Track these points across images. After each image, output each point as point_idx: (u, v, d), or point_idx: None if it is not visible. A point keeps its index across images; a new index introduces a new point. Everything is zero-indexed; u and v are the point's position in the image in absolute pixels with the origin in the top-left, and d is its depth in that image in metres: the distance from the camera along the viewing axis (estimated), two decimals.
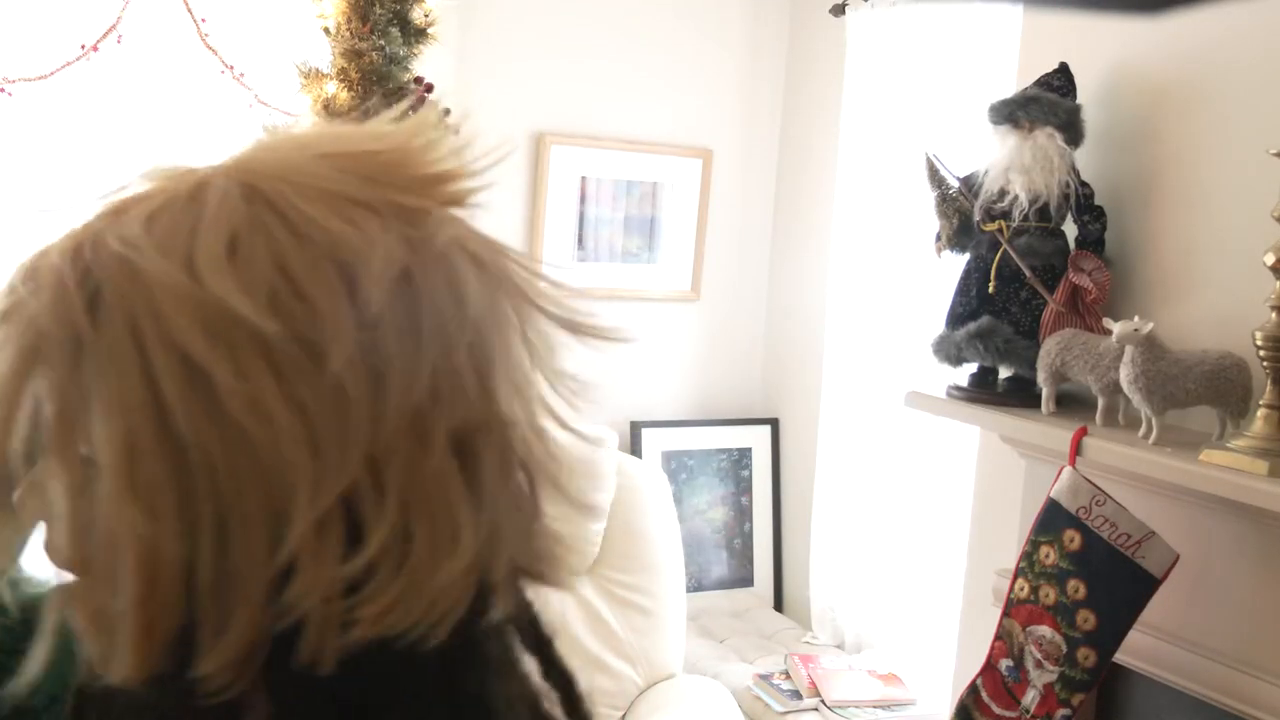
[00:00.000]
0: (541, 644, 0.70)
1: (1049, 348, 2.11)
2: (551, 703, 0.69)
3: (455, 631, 0.60)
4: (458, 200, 0.63)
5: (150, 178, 0.62)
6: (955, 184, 2.35)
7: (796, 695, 2.93)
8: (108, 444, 0.57)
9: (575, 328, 0.65)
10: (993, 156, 2.23)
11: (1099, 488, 1.97)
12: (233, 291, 0.56)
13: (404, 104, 0.68)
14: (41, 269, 0.59)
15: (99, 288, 0.57)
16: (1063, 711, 1.99)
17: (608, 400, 3.44)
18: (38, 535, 0.64)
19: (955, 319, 2.31)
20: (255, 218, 0.58)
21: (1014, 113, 2.19)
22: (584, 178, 3.39)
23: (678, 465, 3.51)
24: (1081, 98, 2.22)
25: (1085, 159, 2.22)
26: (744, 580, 3.59)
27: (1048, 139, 2.15)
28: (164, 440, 0.56)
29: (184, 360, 0.55)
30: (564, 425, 0.66)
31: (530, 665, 0.69)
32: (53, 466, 0.58)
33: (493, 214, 0.65)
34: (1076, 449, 1.99)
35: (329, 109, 1.98)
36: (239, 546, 0.56)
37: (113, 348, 0.57)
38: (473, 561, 0.60)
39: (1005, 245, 2.22)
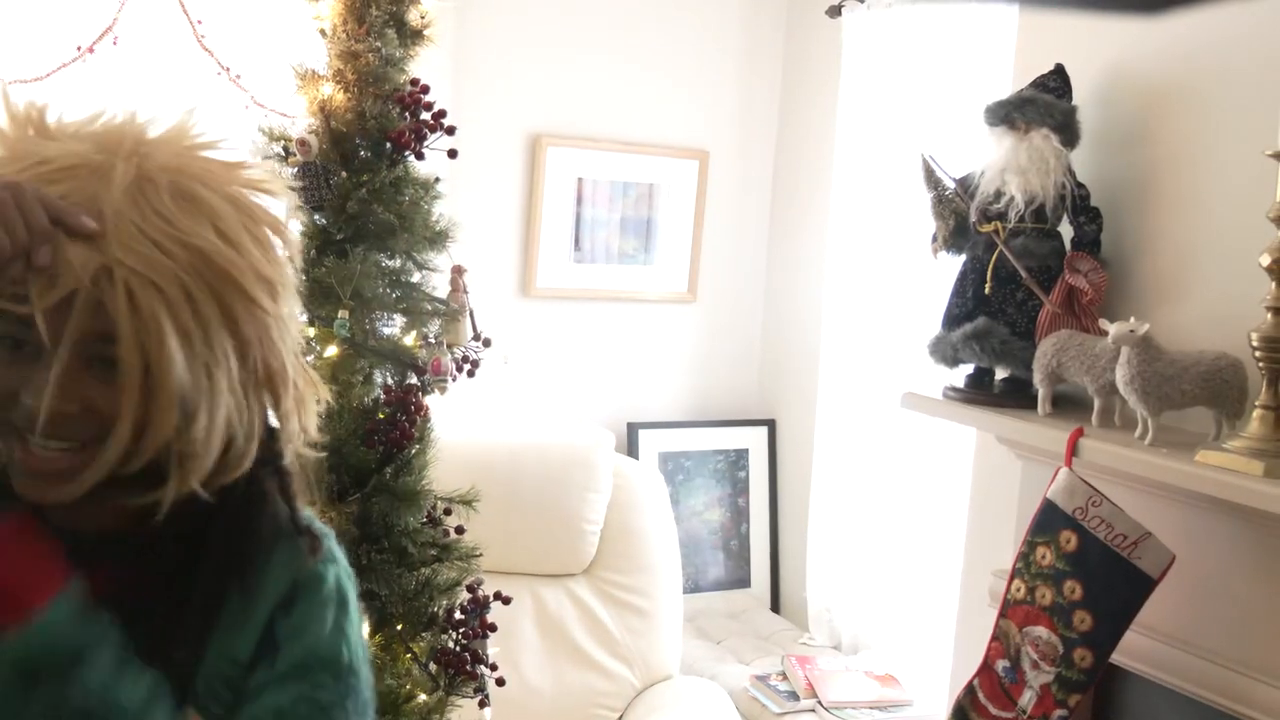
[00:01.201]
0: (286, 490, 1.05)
1: (1045, 349, 2.11)
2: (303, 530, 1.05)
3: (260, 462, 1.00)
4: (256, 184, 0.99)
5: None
6: (951, 185, 2.35)
7: (793, 696, 2.93)
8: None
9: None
10: (989, 158, 2.23)
11: (1095, 489, 1.97)
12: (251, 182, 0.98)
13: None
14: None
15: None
16: (1059, 712, 1.99)
17: (605, 401, 3.45)
18: None
19: (951, 320, 2.31)
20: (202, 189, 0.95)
21: (1010, 114, 2.19)
22: (580, 179, 3.39)
23: (674, 466, 3.52)
24: (1077, 99, 2.22)
25: (1081, 160, 2.22)
26: (741, 581, 3.59)
27: (1043, 140, 2.15)
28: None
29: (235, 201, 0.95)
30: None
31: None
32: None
33: (490, 215, 0.66)
34: (1073, 450, 1.99)
35: (325, 110, 1.98)
36: (256, 405, 0.96)
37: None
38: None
39: (1001, 246, 2.22)
